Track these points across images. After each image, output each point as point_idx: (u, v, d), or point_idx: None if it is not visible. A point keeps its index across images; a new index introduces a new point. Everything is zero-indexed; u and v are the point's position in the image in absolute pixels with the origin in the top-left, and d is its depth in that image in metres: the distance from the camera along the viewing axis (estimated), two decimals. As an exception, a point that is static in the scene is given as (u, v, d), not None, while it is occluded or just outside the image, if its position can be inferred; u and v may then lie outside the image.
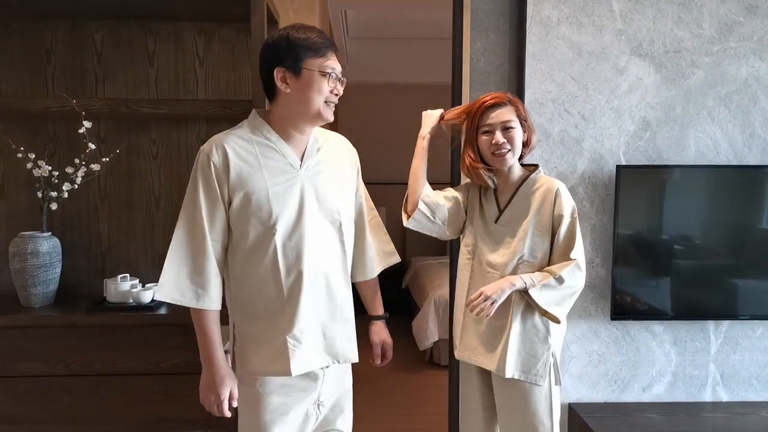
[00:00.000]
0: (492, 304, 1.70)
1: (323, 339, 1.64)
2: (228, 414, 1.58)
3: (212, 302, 1.55)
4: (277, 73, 1.55)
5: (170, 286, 1.54)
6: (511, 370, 1.75)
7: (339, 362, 1.67)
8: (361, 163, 1.85)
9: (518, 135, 1.79)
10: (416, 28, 5.02)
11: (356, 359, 1.72)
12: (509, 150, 1.77)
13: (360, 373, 1.97)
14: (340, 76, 1.61)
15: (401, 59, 5.63)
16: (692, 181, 2.40)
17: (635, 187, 2.37)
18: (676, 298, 2.43)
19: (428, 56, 4.95)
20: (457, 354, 1.91)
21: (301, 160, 1.62)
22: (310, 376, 1.63)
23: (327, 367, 1.66)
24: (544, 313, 1.75)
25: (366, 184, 1.92)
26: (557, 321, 1.75)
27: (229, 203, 1.56)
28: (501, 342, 1.77)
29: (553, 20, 2.40)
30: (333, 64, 1.59)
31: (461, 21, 2.49)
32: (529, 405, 1.77)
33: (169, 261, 1.55)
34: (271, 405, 1.59)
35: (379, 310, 1.91)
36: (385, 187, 6.04)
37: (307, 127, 1.64)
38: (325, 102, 1.59)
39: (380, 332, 1.90)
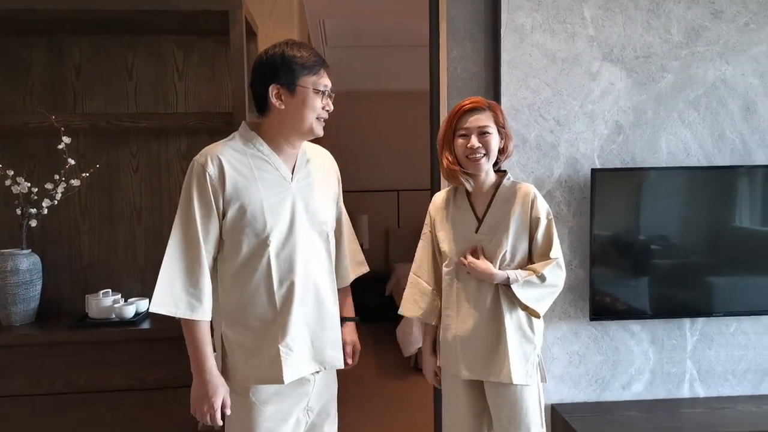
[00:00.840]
0: (472, 268, 1.78)
1: (312, 346, 1.67)
2: (220, 423, 1.59)
3: (206, 313, 1.57)
4: (272, 90, 1.58)
5: (165, 298, 1.54)
6: (519, 376, 1.78)
7: (327, 368, 1.71)
8: (342, 171, 1.89)
9: (494, 141, 1.81)
10: (394, 36, 5.07)
11: (342, 365, 1.76)
12: (484, 155, 1.79)
13: (346, 379, 1.99)
14: (330, 92, 1.66)
15: (380, 67, 5.67)
16: (665, 182, 2.47)
17: (610, 190, 2.43)
18: (653, 297, 2.49)
19: (407, 64, 5.00)
20: (459, 373, 1.88)
21: (292, 173, 1.66)
22: (302, 383, 1.66)
23: (317, 372, 1.69)
24: (525, 308, 1.80)
25: (347, 191, 1.95)
26: (537, 316, 1.80)
27: (224, 215, 1.58)
28: (500, 352, 1.80)
29: (527, 28, 2.45)
30: (326, 81, 1.64)
31: (438, 30, 2.54)
32: (523, 405, 1.81)
33: (164, 272, 1.56)
34: (265, 413, 1.61)
35: (351, 312, 1.94)
36: (366, 195, 6.10)
37: (297, 142, 1.68)
38: (317, 118, 1.63)
39: (351, 333, 1.92)
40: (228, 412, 1.60)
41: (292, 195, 1.64)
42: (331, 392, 1.80)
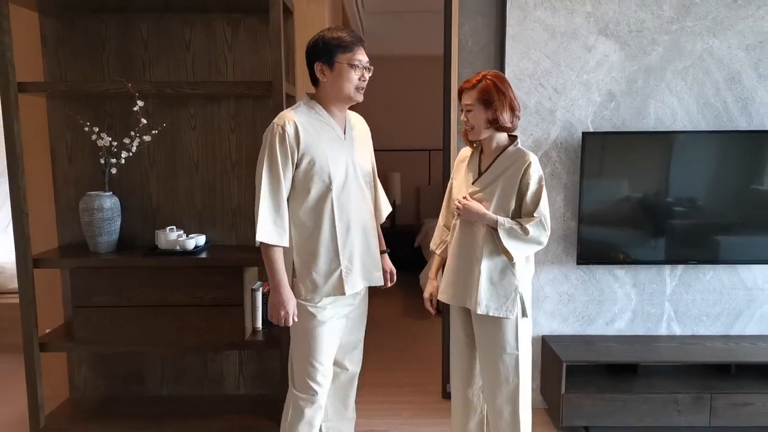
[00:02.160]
0: (465, 210, 2.10)
1: (362, 268, 2.15)
2: (290, 323, 2.03)
3: (287, 241, 2.02)
4: (317, 67, 2.01)
5: (266, 231, 1.96)
6: (483, 308, 2.10)
7: (372, 284, 2.20)
8: (377, 132, 2.35)
9: (477, 116, 2.06)
10: (423, 2, 5.33)
11: (383, 283, 2.24)
12: (472, 128, 2.11)
13: (377, 318, 2.45)
14: (366, 65, 2.04)
15: (412, 32, 5.95)
16: (648, 144, 2.78)
17: (599, 151, 2.76)
18: (635, 245, 2.83)
19: (436, 29, 5.27)
20: (441, 296, 2.27)
21: (344, 132, 2.11)
22: (354, 296, 2.16)
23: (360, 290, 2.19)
24: (505, 251, 2.09)
25: (382, 150, 2.38)
26: (511, 259, 2.08)
27: (297, 165, 2.00)
28: (473, 285, 2.13)
29: (530, 5, 2.76)
30: (360, 57, 2.01)
31: (451, 6, 2.87)
32: (499, 333, 2.12)
33: (261, 211, 1.95)
34: (326, 316, 2.09)
35: (383, 245, 2.36)
36: (399, 154, 6.47)
37: (343, 106, 2.12)
38: (356, 88, 2.03)
39: (387, 262, 2.35)
40: (296, 319, 2.06)
41: (345, 150, 2.09)
42: (365, 305, 2.29)
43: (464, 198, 2.15)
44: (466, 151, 2.28)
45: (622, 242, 2.84)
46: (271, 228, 1.97)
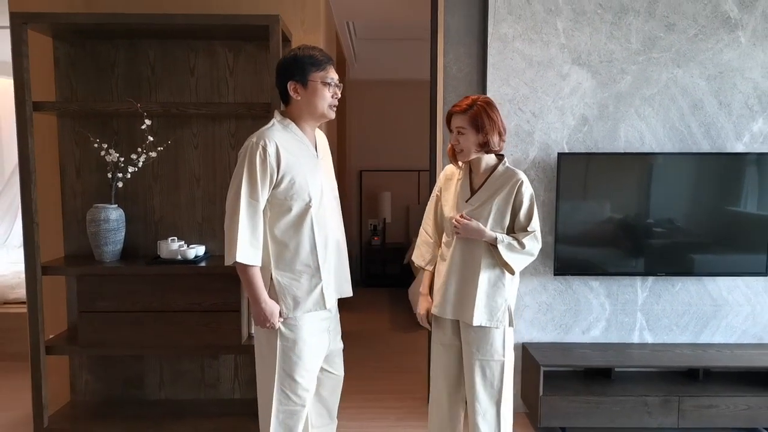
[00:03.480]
0: (464, 228, 2.21)
1: (335, 281, 2.19)
2: (277, 327, 2.07)
3: (260, 260, 2.01)
4: (290, 86, 2.03)
5: (245, 251, 1.95)
6: (477, 320, 2.24)
7: (342, 296, 2.23)
8: (368, 152, 2.45)
9: (468, 139, 2.18)
10: (412, 30, 5.59)
11: (351, 294, 2.28)
12: (461, 150, 2.24)
13: (365, 331, 2.55)
14: (337, 83, 2.07)
15: (401, 58, 6.21)
16: (617, 165, 3.00)
17: (573, 170, 2.98)
18: (608, 258, 3.04)
19: (424, 56, 5.53)
20: (437, 311, 2.34)
21: (316, 150, 2.16)
22: (329, 309, 2.17)
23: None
24: (505, 264, 2.23)
25: (373, 171, 2.52)
26: (512, 272, 2.25)
27: (276, 185, 1.99)
28: (470, 299, 2.25)
29: (509, 37, 2.99)
30: (332, 74, 2.05)
31: (436, 35, 3.10)
32: (489, 342, 2.26)
33: (240, 231, 1.93)
34: (307, 332, 2.09)
35: None
36: (390, 174, 6.68)
37: (315, 124, 2.17)
38: (329, 105, 2.06)
39: None
40: (283, 318, 2.08)
41: (319, 167, 2.11)
42: (338, 316, 2.33)
43: (461, 217, 2.24)
44: (452, 168, 2.38)
45: (595, 255, 3.04)
46: (248, 248, 1.96)
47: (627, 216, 3.03)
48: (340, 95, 2.12)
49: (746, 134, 3.03)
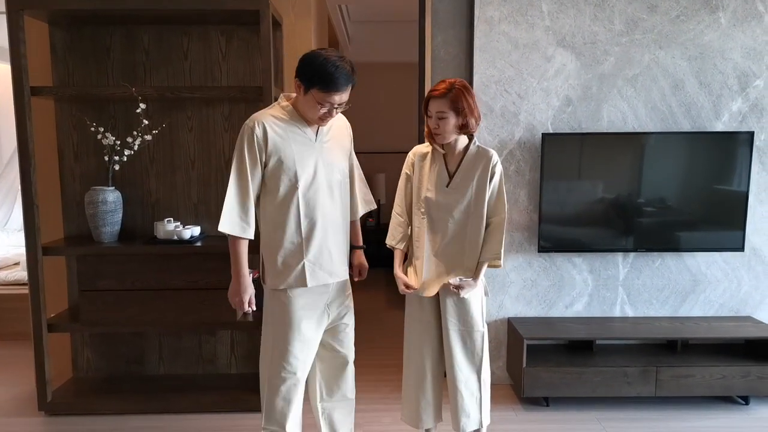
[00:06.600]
0: (467, 292, 2.32)
1: (327, 263, 2.25)
2: (246, 309, 2.20)
3: (250, 234, 2.16)
4: (295, 82, 2.06)
5: (229, 222, 2.08)
6: (464, 293, 2.33)
7: (337, 279, 2.28)
8: (363, 134, 2.42)
9: (448, 123, 2.22)
10: (405, 11, 5.63)
11: (347, 277, 2.35)
12: (440, 134, 2.29)
13: (365, 310, 2.60)
14: (336, 106, 2.06)
15: (393, 41, 6.26)
16: (603, 145, 3.09)
17: (557, 150, 3.06)
18: (590, 235, 3.14)
19: (415, 38, 5.58)
20: (425, 293, 2.41)
21: (316, 135, 2.20)
22: (326, 287, 2.25)
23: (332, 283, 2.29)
24: (497, 258, 2.34)
25: (368, 153, 2.52)
26: (499, 265, 2.36)
27: (265, 164, 2.10)
28: (448, 275, 2.36)
29: (495, 19, 3.06)
30: (332, 99, 2.02)
31: (424, 19, 3.17)
32: (470, 314, 2.37)
33: (226, 204, 2.07)
34: (298, 304, 2.21)
35: (359, 242, 2.52)
36: (384, 156, 6.76)
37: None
38: (318, 117, 2.07)
39: (359, 257, 2.52)
40: (254, 307, 2.21)
41: (316, 152, 2.15)
42: (346, 294, 2.33)
43: (456, 286, 2.31)
44: (424, 148, 2.41)
45: (579, 232, 3.14)
46: (235, 220, 2.09)
47: (610, 194, 3.13)
48: (336, 114, 2.13)
49: (725, 113, 3.11)
